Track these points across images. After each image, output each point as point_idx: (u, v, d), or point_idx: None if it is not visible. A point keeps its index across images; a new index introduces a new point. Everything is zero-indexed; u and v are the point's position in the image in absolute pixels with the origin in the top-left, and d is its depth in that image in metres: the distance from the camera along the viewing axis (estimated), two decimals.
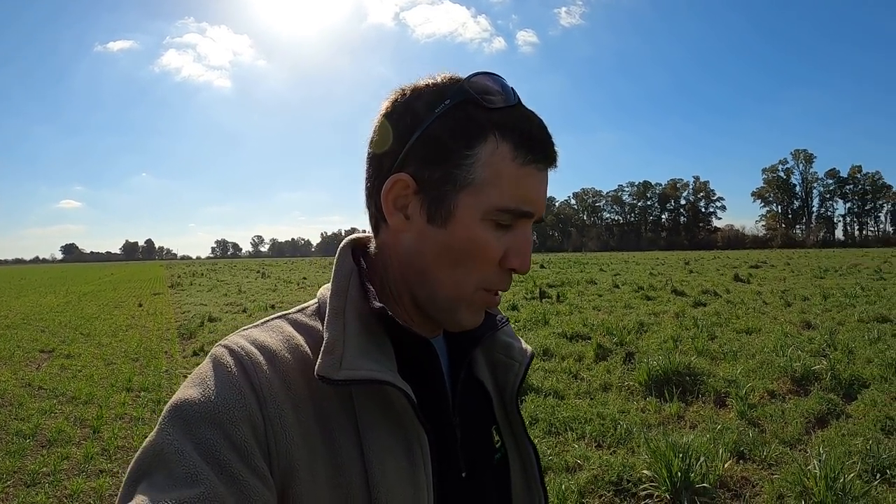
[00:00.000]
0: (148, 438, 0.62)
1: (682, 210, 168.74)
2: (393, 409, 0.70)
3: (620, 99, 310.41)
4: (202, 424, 0.61)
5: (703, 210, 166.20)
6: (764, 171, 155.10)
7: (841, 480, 3.70)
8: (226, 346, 0.69)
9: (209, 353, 0.70)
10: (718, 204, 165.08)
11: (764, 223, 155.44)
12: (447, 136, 0.69)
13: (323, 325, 0.72)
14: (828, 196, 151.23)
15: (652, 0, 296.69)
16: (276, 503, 0.61)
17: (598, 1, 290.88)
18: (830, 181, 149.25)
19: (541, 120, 0.72)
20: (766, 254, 62.77)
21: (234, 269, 53.96)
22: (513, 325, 9.77)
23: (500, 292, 0.76)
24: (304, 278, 31.35)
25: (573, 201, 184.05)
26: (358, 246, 0.82)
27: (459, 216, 0.69)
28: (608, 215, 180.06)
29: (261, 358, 0.67)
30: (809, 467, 3.97)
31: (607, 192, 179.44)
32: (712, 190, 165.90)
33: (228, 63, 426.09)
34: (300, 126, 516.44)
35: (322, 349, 0.68)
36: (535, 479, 0.88)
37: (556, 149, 0.73)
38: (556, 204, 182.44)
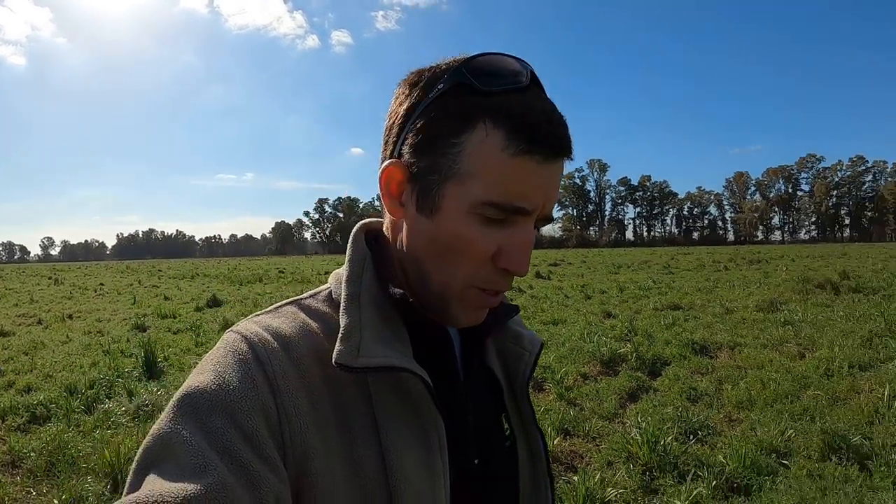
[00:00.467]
0: (155, 426, 0.61)
1: None
2: (409, 397, 0.70)
3: None
4: (213, 413, 0.60)
5: None
6: (562, 177, 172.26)
7: (661, 443, 4.22)
8: (239, 333, 0.68)
9: (221, 340, 0.69)
10: None
11: (561, 225, 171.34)
12: (435, 123, 0.66)
13: (335, 312, 0.73)
14: (619, 201, 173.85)
15: (470, 13, 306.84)
16: (288, 494, 0.60)
17: (415, 9, 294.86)
18: (622, 188, 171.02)
19: (549, 107, 0.66)
20: (564, 253, 68.46)
21: (23, 274, 48.60)
22: None
23: (497, 293, 0.72)
24: (102, 284, 28.75)
25: (377, 203, 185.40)
26: (370, 230, 0.81)
27: (445, 208, 0.67)
28: None
29: (275, 345, 0.66)
30: (632, 435, 4.47)
31: None
32: None
33: (25, 38, 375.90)
34: (99, 115, 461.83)
35: (339, 336, 0.67)
36: (543, 466, 0.88)
37: (564, 140, 0.66)
38: (361, 205, 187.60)
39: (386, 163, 0.70)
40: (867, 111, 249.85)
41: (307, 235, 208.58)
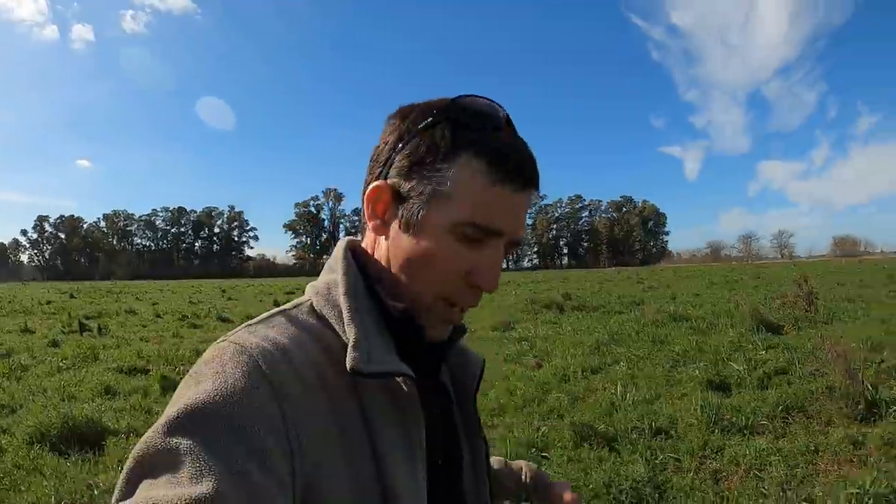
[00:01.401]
0: (150, 435, 0.60)
1: (215, 238, 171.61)
2: (398, 398, 0.75)
3: (163, 119, 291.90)
4: (215, 425, 0.60)
5: (236, 239, 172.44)
6: (297, 205, 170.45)
7: None
8: (236, 343, 0.69)
9: (213, 349, 0.70)
10: (252, 234, 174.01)
11: (294, 253, 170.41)
12: (424, 150, 0.74)
13: (321, 324, 0.77)
14: (353, 230, 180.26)
15: (226, 24, 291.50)
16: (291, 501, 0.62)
17: (167, 15, 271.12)
18: (356, 217, 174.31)
19: (524, 145, 0.77)
20: (298, 281, 67.40)
21: None
22: (59, 363, 9.38)
23: (463, 309, 0.80)
24: None
25: (103, 224, 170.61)
26: (352, 247, 0.86)
27: (427, 226, 0.74)
28: (140, 241, 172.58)
29: (276, 354, 0.68)
30: None
31: (140, 216, 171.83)
32: (246, 220, 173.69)
33: None
34: None
35: (351, 345, 0.71)
36: (483, 471, 0.94)
37: (534, 173, 0.77)
38: (84, 226, 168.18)
39: (375, 183, 0.77)
40: (587, 154, 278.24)
41: (24, 258, 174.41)
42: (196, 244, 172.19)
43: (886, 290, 16.80)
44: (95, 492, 4.16)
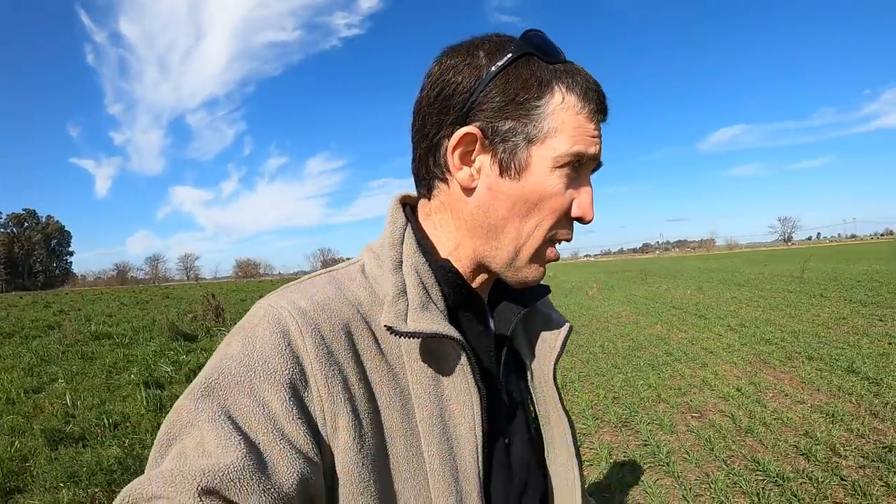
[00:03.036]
0: (180, 401, 0.63)
1: None
2: (447, 367, 0.73)
3: None
4: (240, 390, 0.62)
5: None
6: None
7: None
8: (270, 305, 0.69)
9: (250, 312, 0.71)
10: None
11: None
12: (516, 88, 0.71)
13: (369, 283, 0.76)
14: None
15: None
16: (318, 471, 0.63)
17: None
18: None
19: (592, 76, 0.76)
20: None
21: None
22: None
23: (564, 242, 0.79)
24: None
25: None
26: (407, 202, 0.85)
27: (533, 167, 0.72)
28: None
29: (309, 315, 0.68)
30: None
31: None
32: None
33: None
34: None
35: (387, 301, 0.71)
36: (571, 450, 0.89)
37: (608, 102, 0.76)
38: None
39: (463, 129, 0.72)
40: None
41: None
42: None
43: None
44: None
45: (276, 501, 0.56)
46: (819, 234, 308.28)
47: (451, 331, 0.70)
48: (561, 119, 0.72)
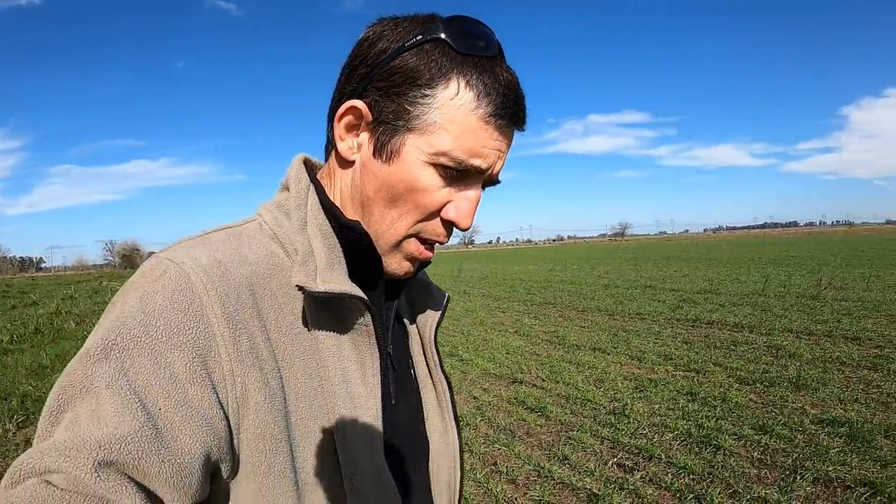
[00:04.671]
0: (73, 364, 0.59)
1: None
2: (350, 328, 0.74)
3: None
4: (140, 351, 0.59)
5: None
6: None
7: None
8: (169, 259, 0.66)
9: (145, 267, 0.67)
10: None
11: None
12: (409, 72, 0.70)
13: (268, 240, 0.75)
14: None
15: None
16: (222, 439, 0.62)
17: None
18: None
19: (515, 79, 0.73)
20: None
21: None
22: None
23: (434, 245, 0.79)
24: None
25: None
26: (308, 163, 0.85)
27: (404, 155, 0.71)
28: None
29: (213, 272, 0.66)
30: None
31: None
32: None
33: None
34: None
35: (297, 260, 0.71)
36: (449, 412, 0.93)
37: (523, 111, 0.75)
38: None
39: (353, 101, 0.73)
40: None
41: None
42: None
43: None
44: None
45: (179, 470, 0.56)
46: (499, 238, 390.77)
47: (358, 291, 0.71)
48: (448, 115, 0.70)
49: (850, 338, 8.49)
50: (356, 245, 0.76)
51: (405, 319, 0.94)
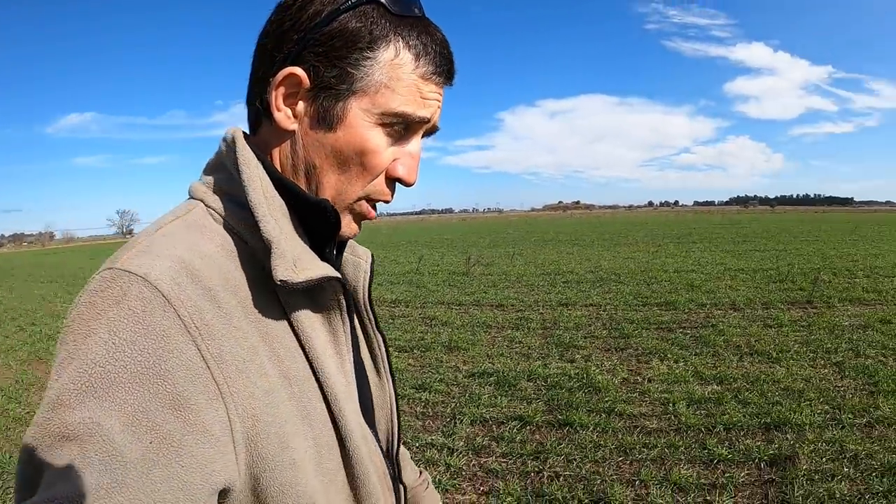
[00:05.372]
0: (43, 416, 0.52)
1: None
2: (321, 304, 0.73)
3: None
4: (122, 385, 0.52)
5: None
6: None
7: None
8: (126, 271, 0.58)
9: (98, 283, 0.58)
10: None
11: None
12: (349, 35, 0.69)
13: (224, 227, 0.70)
14: None
15: None
16: (229, 462, 0.58)
17: None
18: None
19: (445, 38, 0.76)
20: None
21: None
22: None
23: (377, 204, 0.79)
24: None
25: None
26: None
27: (350, 119, 0.71)
28: None
29: (182, 277, 0.60)
30: None
31: None
32: None
33: None
34: None
35: (274, 252, 0.66)
36: (385, 366, 0.95)
37: (454, 68, 0.77)
38: None
39: (290, 68, 0.70)
40: None
41: None
42: None
43: None
44: None
45: None
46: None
47: (334, 272, 0.71)
48: (390, 75, 0.71)
49: (495, 305, 9.75)
50: (317, 221, 0.75)
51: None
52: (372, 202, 0.78)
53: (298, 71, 0.70)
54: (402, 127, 0.74)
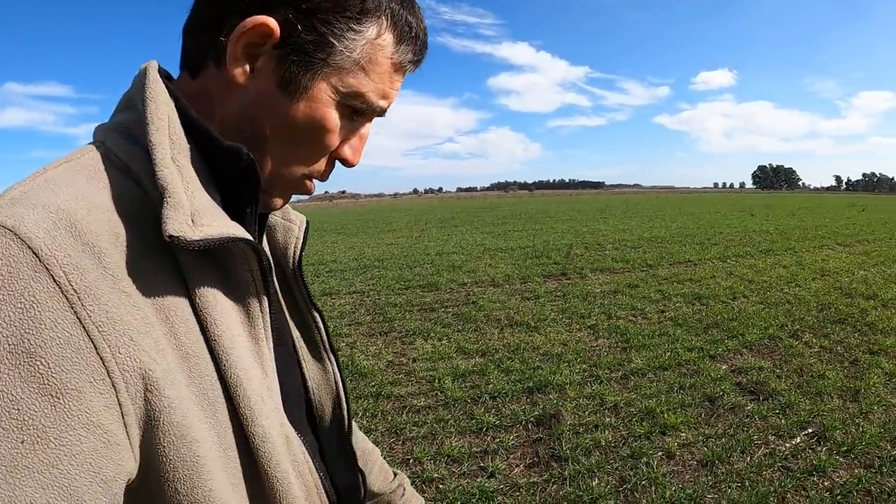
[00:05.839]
0: None
1: None
2: (233, 275, 0.62)
3: None
4: (13, 378, 0.44)
5: None
6: None
7: None
8: (1, 227, 0.48)
9: None
10: None
11: None
12: (344, 1, 0.63)
13: (120, 174, 0.58)
14: None
15: None
16: (127, 450, 0.49)
17: None
18: None
19: (425, 25, 0.72)
20: None
21: None
22: None
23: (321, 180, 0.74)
24: None
25: None
26: (163, 75, 0.70)
27: (315, 93, 0.64)
28: None
29: (59, 230, 0.49)
30: None
31: None
32: None
33: None
34: None
35: (168, 201, 0.54)
36: (324, 345, 0.87)
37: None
38: None
39: (263, 17, 0.60)
40: None
41: None
42: None
43: None
44: None
45: None
46: None
47: (244, 233, 0.60)
48: (369, 56, 0.65)
49: None
50: (234, 175, 0.65)
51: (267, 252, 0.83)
52: (310, 178, 0.73)
53: (272, 23, 0.61)
54: (363, 112, 0.69)
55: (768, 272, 9.90)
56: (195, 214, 0.56)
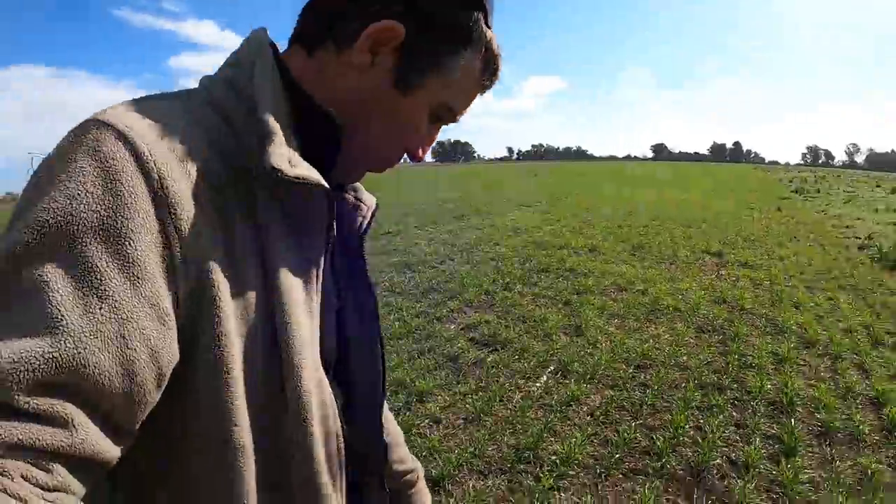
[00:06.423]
0: None
1: None
2: (302, 224, 0.67)
3: None
4: (79, 242, 0.48)
5: None
6: None
7: None
8: (103, 121, 0.54)
9: (76, 129, 0.55)
10: None
11: None
12: (458, 28, 0.72)
13: (216, 114, 0.65)
14: None
15: None
16: (175, 340, 0.53)
17: None
18: None
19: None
20: None
21: (838, 179, 39.44)
22: None
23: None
24: None
25: None
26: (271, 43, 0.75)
27: (420, 95, 0.73)
28: None
29: (155, 135, 0.56)
30: None
31: None
32: None
33: None
34: None
35: (272, 140, 0.61)
36: (374, 319, 0.89)
37: None
38: None
39: (394, 24, 0.68)
40: None
41: None
42: None
43: None
44: None
45: (133, 376, 0.48)
46: None
47: (325, 183, 0.65)
48: (465, 74, 0.75)
49: None
50: (320, 139, 0.71)
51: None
52: (384, 164, 0.79)
53: (402, 30, 0.69)
54: (441, 118, 0.77)
55: (467, 234, 10.52)
56: (293, 155, 0.63)
